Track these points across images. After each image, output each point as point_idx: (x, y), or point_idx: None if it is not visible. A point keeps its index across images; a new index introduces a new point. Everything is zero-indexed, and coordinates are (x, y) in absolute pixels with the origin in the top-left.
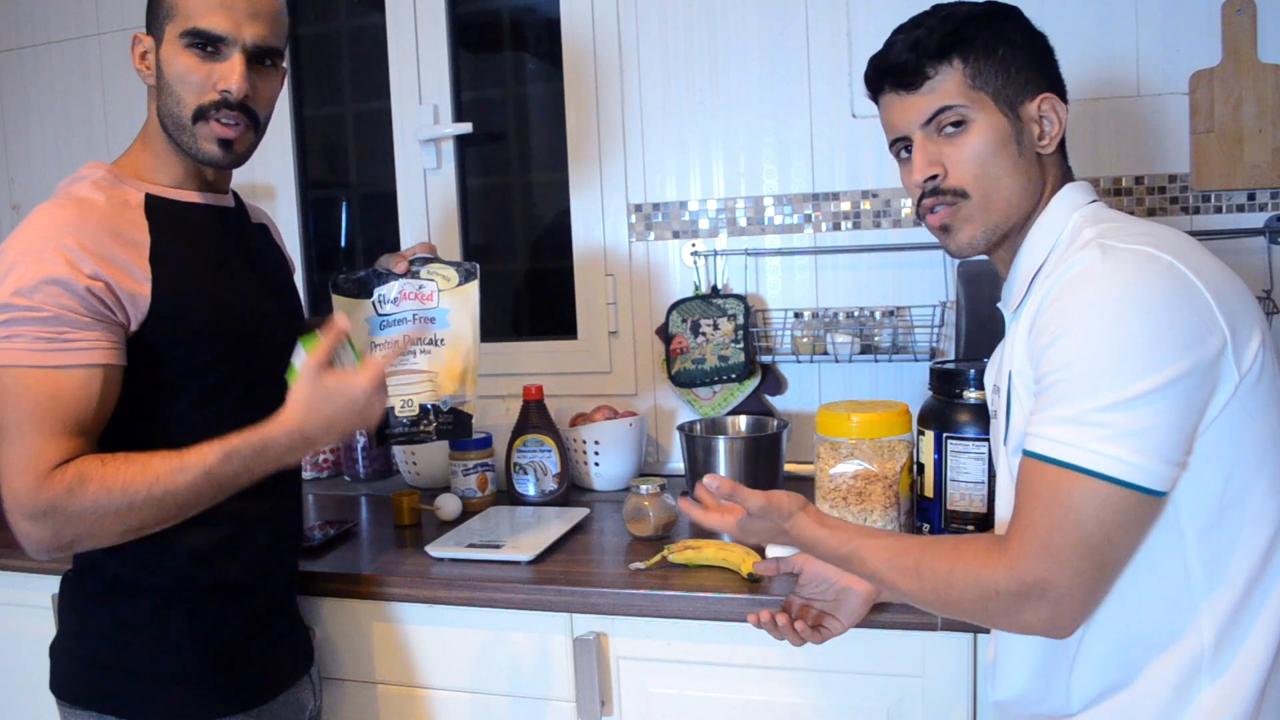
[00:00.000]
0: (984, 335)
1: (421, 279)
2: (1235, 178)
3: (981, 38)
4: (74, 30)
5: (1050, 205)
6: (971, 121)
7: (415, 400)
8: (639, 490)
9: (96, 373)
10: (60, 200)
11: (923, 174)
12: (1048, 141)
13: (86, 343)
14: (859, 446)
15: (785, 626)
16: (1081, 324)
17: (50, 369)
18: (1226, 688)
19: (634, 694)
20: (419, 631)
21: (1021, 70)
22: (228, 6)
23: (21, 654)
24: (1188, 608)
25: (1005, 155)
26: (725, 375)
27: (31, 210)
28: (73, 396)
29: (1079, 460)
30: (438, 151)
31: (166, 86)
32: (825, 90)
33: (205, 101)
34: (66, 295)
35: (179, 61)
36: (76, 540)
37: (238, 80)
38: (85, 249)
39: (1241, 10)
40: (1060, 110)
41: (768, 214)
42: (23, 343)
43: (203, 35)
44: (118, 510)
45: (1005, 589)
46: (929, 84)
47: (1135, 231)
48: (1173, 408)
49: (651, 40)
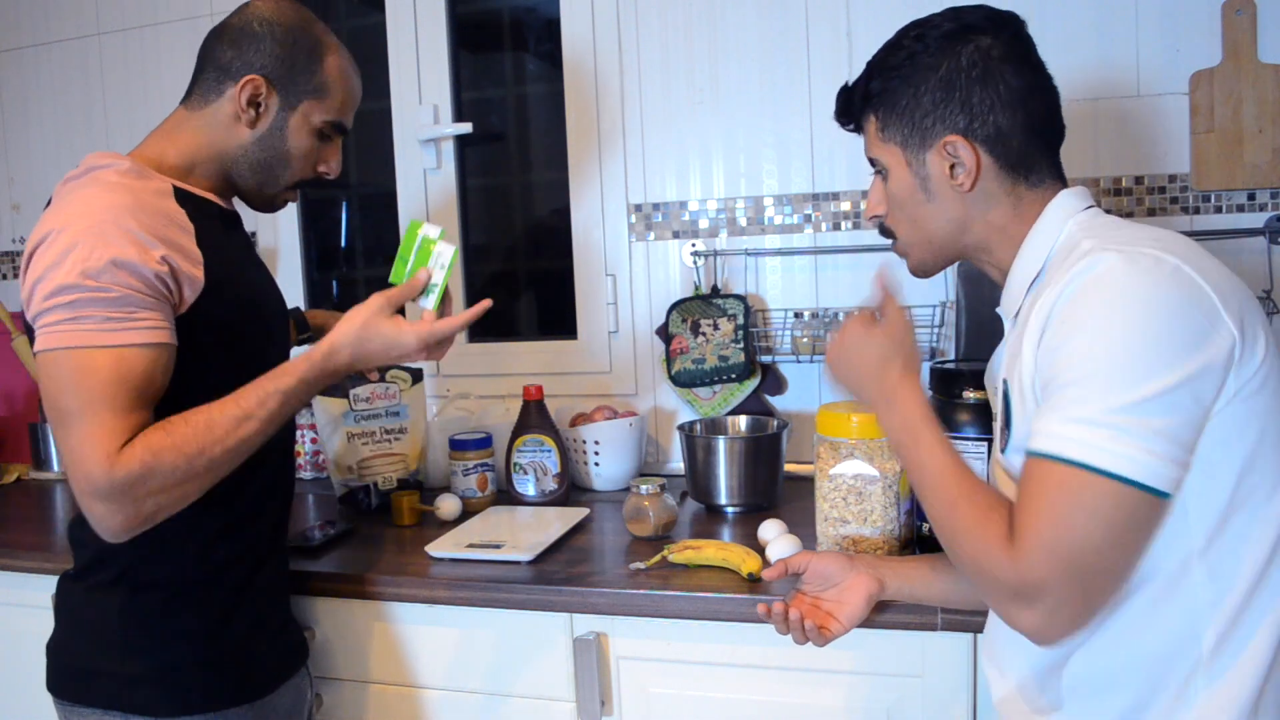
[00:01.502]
0: (984, 335)
1: (387, 382)
2: (1235, 178)
3: (889, 90)
4: (74, 30)
5: (1045, 214)
6: (888, 170)
7: (394, 477)
8: (639, 490)
9: (161, 351)
10: (107, 183)
11: (868, 214)
12: (961, 181)
13: (152, 322)
14: (859, 446)
15: (796, 622)
16: (1091, 326)
17: (119, 348)
18: (1224, 691)
19: (634, 694)
20: (419, 632)
21: (928, 114)
22: (356, 104)
23: (21, 654)
24: (1189, 612)
25: (915, 203)
26: (725, 375)
27: (65, 192)
28: (141, 374)
29: (1090, 459)
30: (438, 151)
31: (277, 150)
32: (825, 90)
33: (307, 177)
34: (134, 277)
35: (307, 139)
36: (159, 510)
37: (337, 165)
38: (150, 231)
39: (1241, 10)
40: (967, 151)
41: (768, 214)
42: (91, 324)
43: (341, 129)
44: (196, 471)
45: (1005, 582)
46: (862, 134)
47: (1138, 236)
48: (1183, 409)
49: (651, 40)
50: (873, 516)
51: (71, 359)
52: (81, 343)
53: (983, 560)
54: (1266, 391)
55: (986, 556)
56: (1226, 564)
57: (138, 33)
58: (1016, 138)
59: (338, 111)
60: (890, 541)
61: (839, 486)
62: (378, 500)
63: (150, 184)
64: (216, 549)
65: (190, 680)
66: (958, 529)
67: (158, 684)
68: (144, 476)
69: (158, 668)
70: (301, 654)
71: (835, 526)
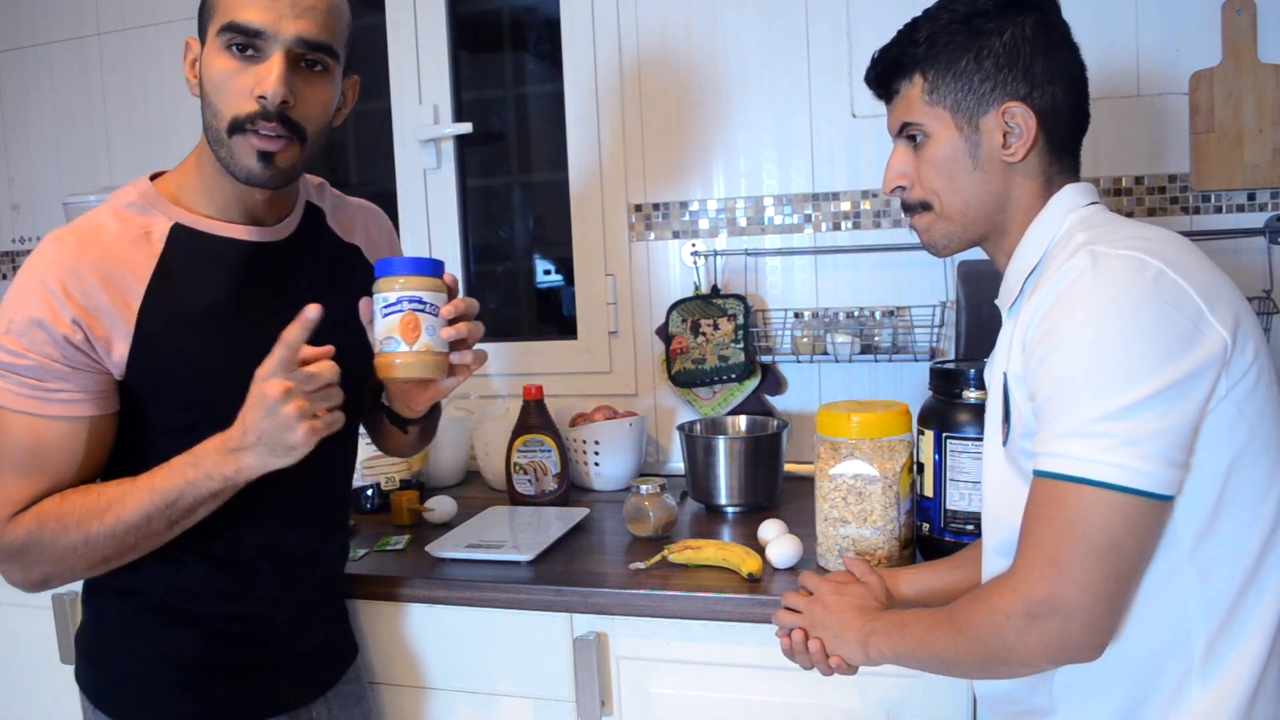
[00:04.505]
0: (984, 335)
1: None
2: (1235, 178)
3: (945, 50)
4: (74, 30)
5: (1049, 206)
6: (929, 136)
7: (396, 477)
8: (639, 490)
9: (80, 425)
10: (63, 234)
11: (889, 186)
12: (1013, 150)
13: (67, 393)
14: (859, 446)
15: (818, 652)
16: (1075, 335)
17: (32, 416)
18: (1218, 692)
19: (634, 694)
20: (418, 631)
21: (988, 79)
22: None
23: (21, 654)
24: (1180, 613)
25: (960, 170)
26: (725, 375)
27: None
28: (53, 446)
29: (1085, 473)
30: (438, 151)
31: (205, 95)
32: (825, 90)
33: (243, 112)
34: (49, 342)
35: (216, 65)
36: (48, 578)
37: (273, 83)
38: (69, 294)
39: (1241, 10)
40: (1027, 118)
41: (768, 214)
42: (10, 384)
43: (239, 29)
44: (75, 544)
45: (1014, 610)
46: (897, 98)
47: (1127, 235)
48: (1175, 411)
49: (652, 40)
50: (873, 516)
51: None
52: (1, 403)
53: (990, 613)
54: (1258, 394)
55: (990, 606)
56: (1217, 565)
57: (137, 33)
58: (1065, 116)
59: (230, 12)
60: (890, 541)
61: (839, 486)
62: (379, 500)
63: (144, 222)
64: (210, 582)
65: (151, 694)
66: (961, 625)
67: (123, 690)
68: (27, 545)
69: (123, 675)
70: (317, 686)
71: (835, 526)
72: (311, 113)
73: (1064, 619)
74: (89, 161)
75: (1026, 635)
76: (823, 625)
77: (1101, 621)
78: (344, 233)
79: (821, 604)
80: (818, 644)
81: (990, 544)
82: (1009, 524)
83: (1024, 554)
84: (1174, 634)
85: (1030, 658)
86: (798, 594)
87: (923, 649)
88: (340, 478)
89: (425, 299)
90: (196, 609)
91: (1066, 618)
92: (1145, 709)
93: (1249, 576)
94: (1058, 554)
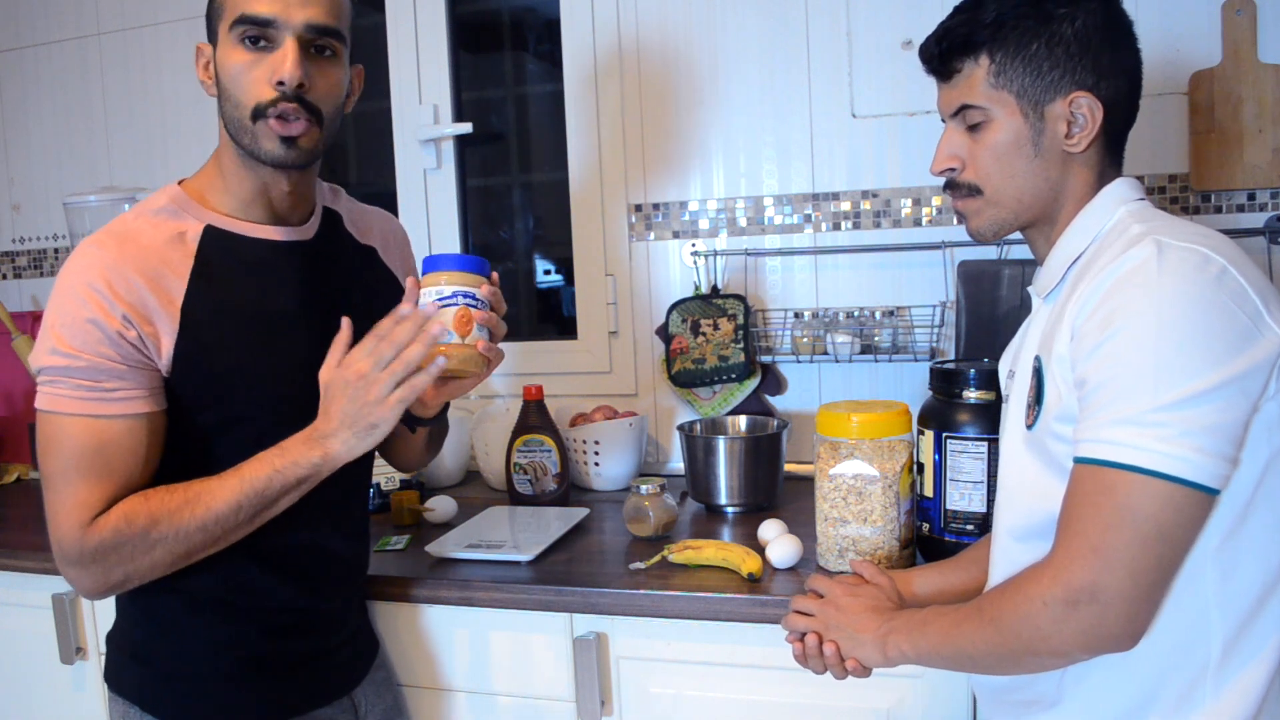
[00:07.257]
0: (984, 335)
1: None
2: (1235, 178)
3: (1016, 33)
4: (74, 30)
5: (1099, 196)
6: (991, 121)
7: (397, 477)
8: (639, 490)
9: (140, 422)
10: (100, 237)
11: (939, 167)
12: (1076, 140)
13: (125, 391)
14: (859, 446)
15: (833, 655)
16: (1136, 322)
17: (90, 418)
18: (1229, 700)
19: (634, 694)
20: (419, 631)
21: (1057, 66)
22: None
23: (21, 654)
24: (1199, 612)
25: (1020, 157)
26: (725, 375)
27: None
28: (117, 446)
29: (1141, 461)
30: (438, 151)
31: (224, 90)
32: (825, 90)
33: (263, 99)
34: (103, 340)
35: (231, 59)
36: (128, 578)
37: (290, 67)
38: (115, 292)
39: (1241, 10)
40: (1094, 109)
41: (768, 214)
42: (65, 389)
43: (251, 20)
44: (165, 537)
45: (1052, 597)
46: (957, 77)
47: (1189, 230)
48: (1233, 406)
49: (652, 40)
50: (873, 516)
51: (50, 423)
52: (57, 408)
53: (1026, 601)
54: None
55: (1025, 594)
56: (1239, 565)
57: (137, 33)
58: (1124, 109)
59: (239, 6)
60: (890, 541)
61: (839, 486)
62: (379, 500)
63: (176, 225)
64: (250, 576)
65: (209, 691)
66: (995, 615)
67: (177, 690)
68: (116, 545)
69: (179, 675)
70: (346, 682)
71: (835, 526)
72: (326, 95)
73: (1104, 606)
74: (89, 161)
75: (1064, 623)
76: (837, 628)
77: (1140, 611)
78: (360, 235)
79: (835, 606)
80: (833, 647)
81: (1003, 525)
82: (1026, 507)
83: (1065, 541)
84: (1191, 633)
85: (1064, 646)
86: (808, 597)
87: (947, 645)
88: (366, 481)
89: (477, 295)
90: (251, 603)
91: (1106, 605)
92: (1154, 708)
93: (1273, 580)
94: (1103, 541)
